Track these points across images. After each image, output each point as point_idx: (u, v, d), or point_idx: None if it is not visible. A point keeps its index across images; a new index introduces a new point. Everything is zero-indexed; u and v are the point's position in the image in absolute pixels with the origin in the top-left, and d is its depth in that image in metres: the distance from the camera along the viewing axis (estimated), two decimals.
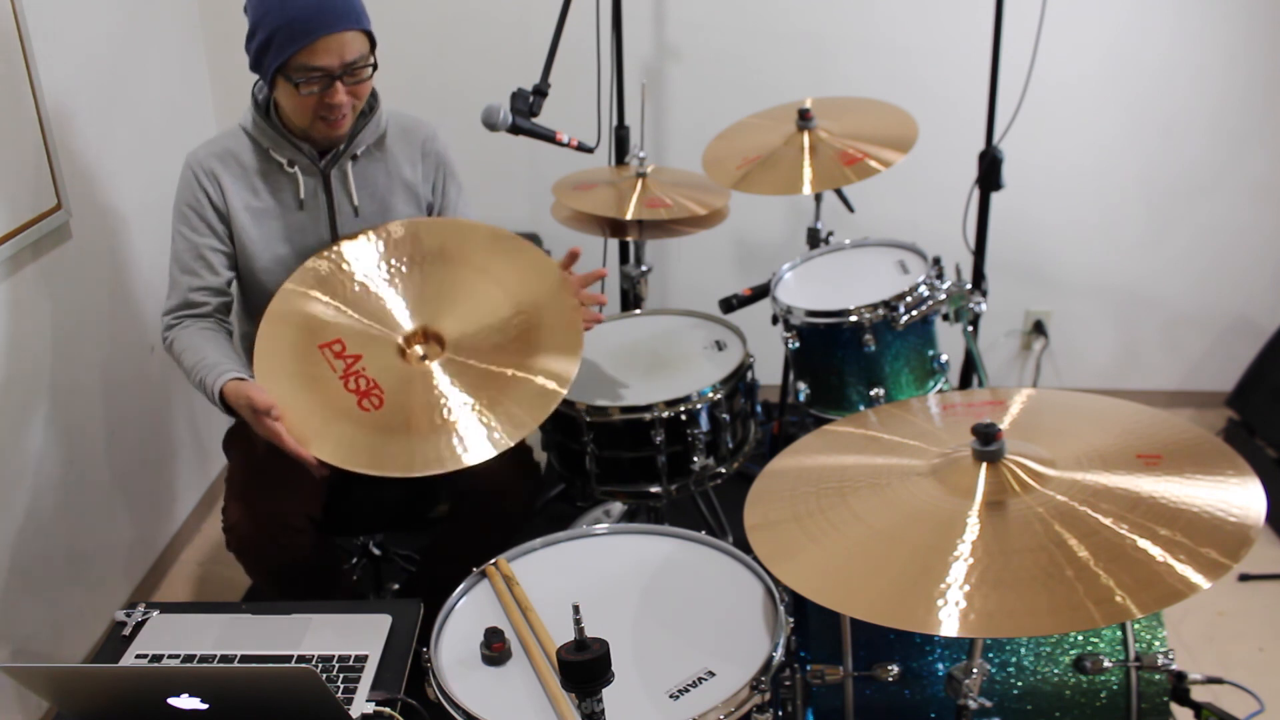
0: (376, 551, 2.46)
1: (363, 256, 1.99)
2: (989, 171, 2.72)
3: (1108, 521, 1.20)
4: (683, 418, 2.03)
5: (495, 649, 1.39)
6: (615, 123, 2.75)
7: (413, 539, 2.58)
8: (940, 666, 1.58)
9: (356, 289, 1.96)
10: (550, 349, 1.86)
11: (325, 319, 1.91)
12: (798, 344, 2.25)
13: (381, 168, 2.04)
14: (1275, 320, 3.18)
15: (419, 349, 1.91)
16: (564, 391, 1.80)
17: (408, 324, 1.92)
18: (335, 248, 2.00)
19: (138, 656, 1.53)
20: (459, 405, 1.81)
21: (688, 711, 1.28)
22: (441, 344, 1.90)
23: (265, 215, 1.98)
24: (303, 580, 1.95)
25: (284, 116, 1.96)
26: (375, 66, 1.91)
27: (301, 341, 1.88)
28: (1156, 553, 1.14)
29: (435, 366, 1.87)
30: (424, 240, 2.02)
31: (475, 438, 1.76)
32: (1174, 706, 1.58)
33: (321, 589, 1.99)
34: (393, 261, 2.00)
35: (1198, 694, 1.58)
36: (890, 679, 1.56)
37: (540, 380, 1.83)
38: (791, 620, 1.43)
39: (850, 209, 2.79)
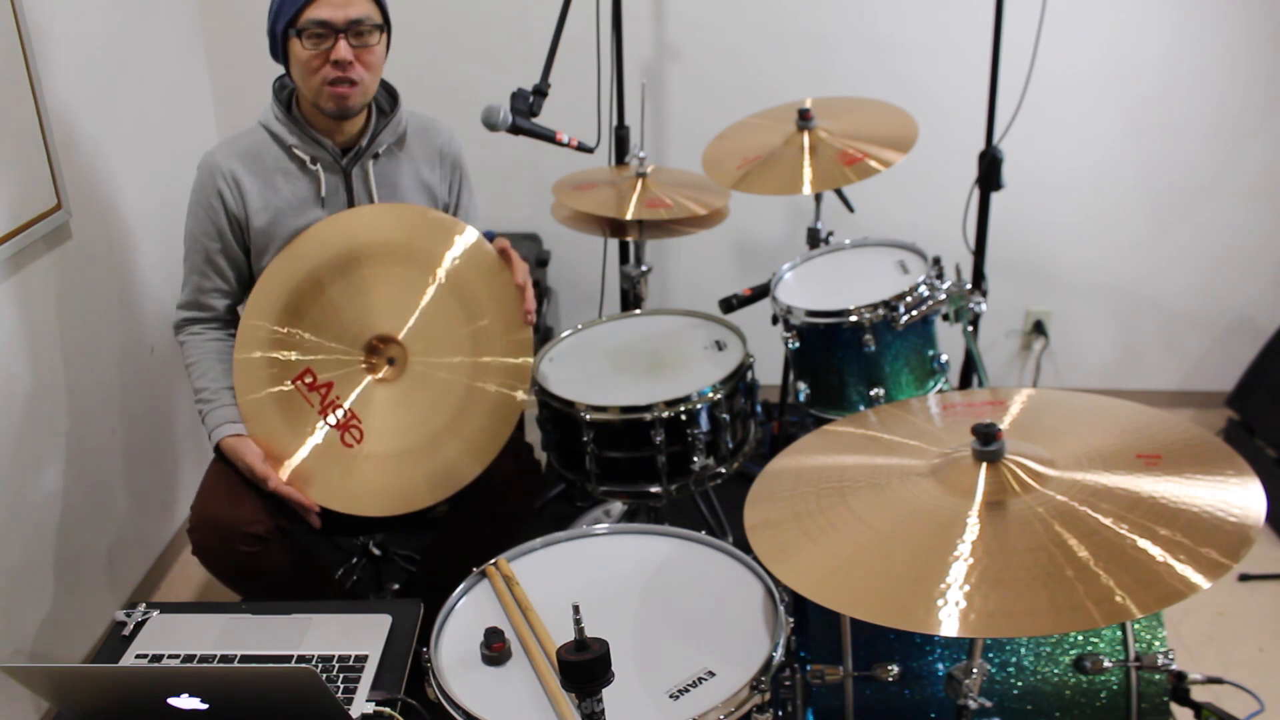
0: (376, 551, 2.46)
1: (291, 282, 1.98)
2: (989, 171, 2.72)
3: (1108, 521, 1.20)
4: (683, 418, 2.03)
5: (495, 649, 1.39)
6: (615, 123, 2.75)
7: (413, 539, 2.58)
8: (940, 666, 1.58)
9: (306, 315, 1.97)
10: (502, 343, 1.94)
11: (288, 353, 1.95)
12: (798, 344, 2.25)
13: (402, 167, 2.06)
14: (1275, 320, 3.18)
15: (383, 371, 1.95)
16: (521, 396, 1.92)
17: (363, 337, 1.95)
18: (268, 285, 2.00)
19: (138, 656, 1.53)
20: (433, 430, 1.91)
21: (688, 711, 1.28)
22: (402, 346, 1.95)
23: (285, 212, 1.99)
24: (272, 587, 1.92)
25: (306, 110, 1.98)
26: (384, 31, 1.93)
27: (276, 380, 1.93)
28: (1156, 553, 1.14)
29: (402, 384, 1.93)
30: (349, 245, 2.00)
31: (448, 468, 1.90)
32: (1174, 706, 1.58)
33: (299, 595, 1.97)
34: (325, 278, 1.99)
35: (1198, 694, 1.58)
36: (890, 679, 1.57)
37: (497, 388, 1.92)
38: (791, 620, 1.43)
39: (850, 209, 2.79)
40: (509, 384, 1.92)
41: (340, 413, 1.90)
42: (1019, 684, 1.57)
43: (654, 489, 2.09)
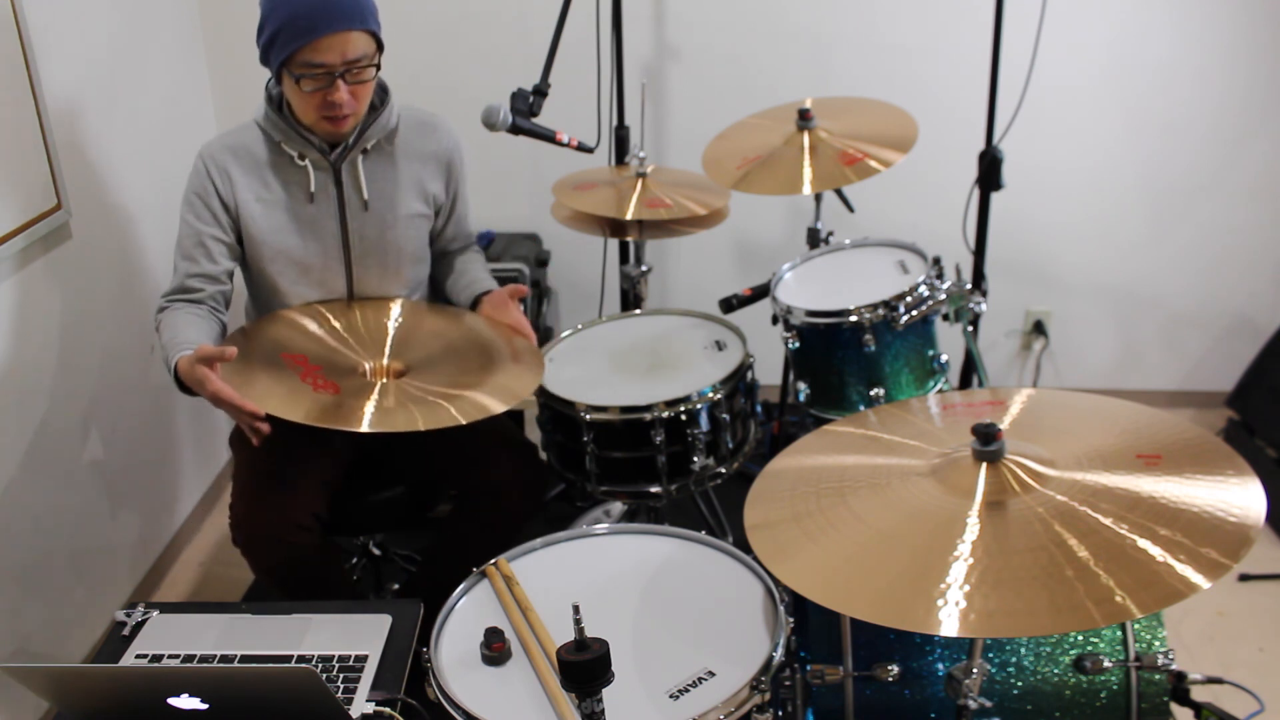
0: (376, 551, 2.46)
1: (349, 318, 2.05)
2: (989, 171, 2.72)
3: (1108, 521, 1.20)
4: (683, 418, 2.03)
5: (495, 649, 1.39)
6: (615, 123, 2.75)
7: (413, 539, 2.58)
8: (940, 666, 1.58)
9: (349, 327, 2.00)
10: (490, 387, 1.88)
11: (297, 341, 1.96)
12: (798, 344, 2.25)
13: (392, 163, 2.06)
14: (1275, 320, 3.18)
15: (381, 380, 1.93)
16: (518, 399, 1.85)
17: (375, 360, 1.95)
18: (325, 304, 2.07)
19: (138, 656, 1.53)
20: (409, 391, 1.85)
21: (688, 711, 1.28)
22: (406, 378, 1.94)
23: (275, 207, 2.00)
24: (306, 579, 1.95)
25: (294, 111, 1.98)
26: (379, 68, 1.92)
27: (267, 348, 1.92)
28: (1156, 553, 1.14)
29: (377, 383, 1.90)
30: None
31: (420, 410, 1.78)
32: (1174, 706, 1.58)
33: (323, 588, 1.99)
34: (379, 323, 2.05)
35: (1198, 694, 1.58)
36: (890, 679, 1.57)
37: (473, 397, 1.84)
38: (791, 620, 1.43)
39: (850, 209, 2.79)
40: (462, 410, 1.79)
41: (321, 382, 1.87)
42: (1019, 684, 1.57)
43: (654, 489, 2.09)
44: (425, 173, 2.09)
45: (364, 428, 1.70)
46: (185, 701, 1.27)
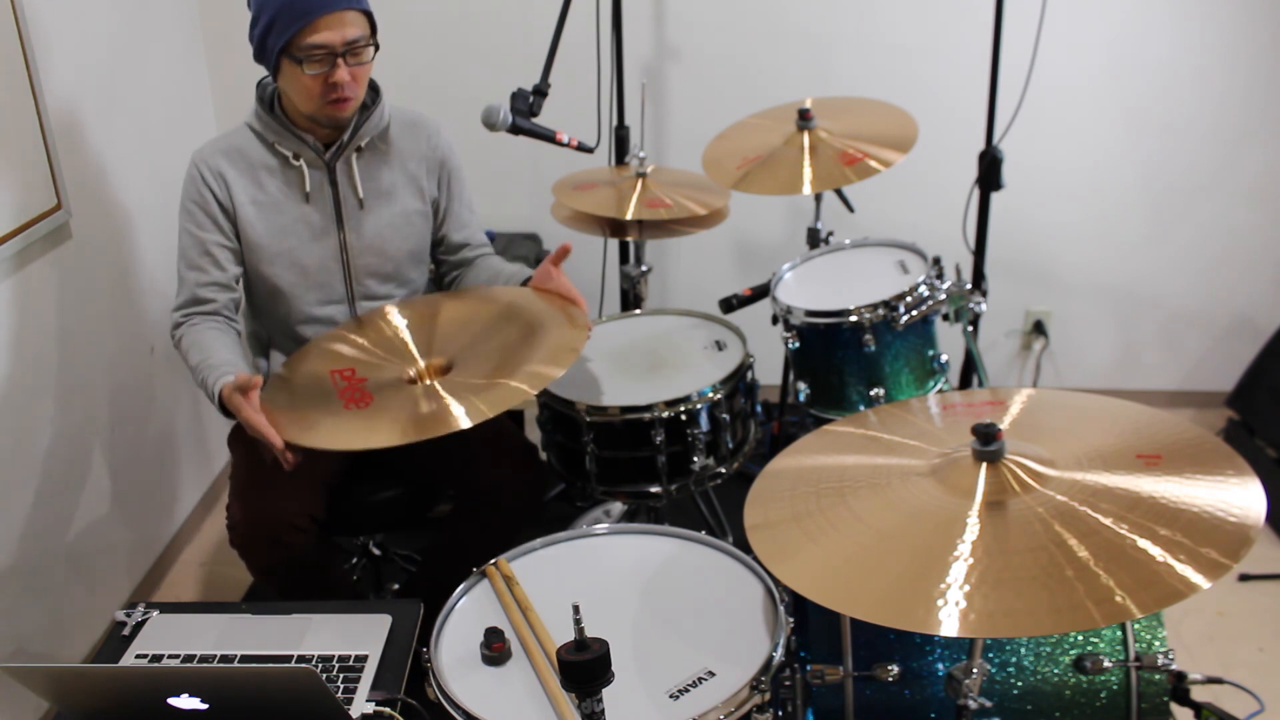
0: (376, 551, 2.46)
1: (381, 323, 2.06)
2: (989, 171, 2.72)
3: (1108, 521, 1.20)
4: (683, 418, 2.03)
5: (495, 649, 1.39)
6: (615, 123, 2.75)
7: (413, 539, 2.58)
8: (940, 666, 1.58)
9: (377, 339, 2.00)
10: (544, 353, 1.85)
11: (345, 354, 1.96)
12: (798, 344, 2.25)
13: (386, 161, 2.06)
14: (1275, 320, 3.18)
15: (427, 380, 1.90)
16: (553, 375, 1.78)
17: (419, 361, 1.93)
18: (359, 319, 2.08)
19: (138, 656, 1.53)
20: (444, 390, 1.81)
21: (688, 711, 1.28)
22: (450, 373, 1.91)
23: (271, 208, 1.99)
24: (303, 579, 1.95)
25: (289, 109, 1.98)
26: (377, 47, 1.93)
27: (316, 369, 1.92)
28: (1156, 553, 1.14)
29: (433, 384, 1.87)
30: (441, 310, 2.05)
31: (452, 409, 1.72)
32: (1174, 706, 1.58)
33: (321, 589, 1.99)
34: (409, 320, 2.05)
35: (1198, 694, 1.58)
36: (890, 679, 1.57)
37: (531, 368, 1.79)
38: (791, 620, 1.43)
39: (850, 209, 2.79)
40: (526, 382, 1.76)
41: (356, 396, 1.85)
42: (1019, 684, 1.57)
43: (654, 489, 2.09)
44: (419, 170, 2.09)
45: (466, 424, 1.65)
46: (185, 701, 1.27)
